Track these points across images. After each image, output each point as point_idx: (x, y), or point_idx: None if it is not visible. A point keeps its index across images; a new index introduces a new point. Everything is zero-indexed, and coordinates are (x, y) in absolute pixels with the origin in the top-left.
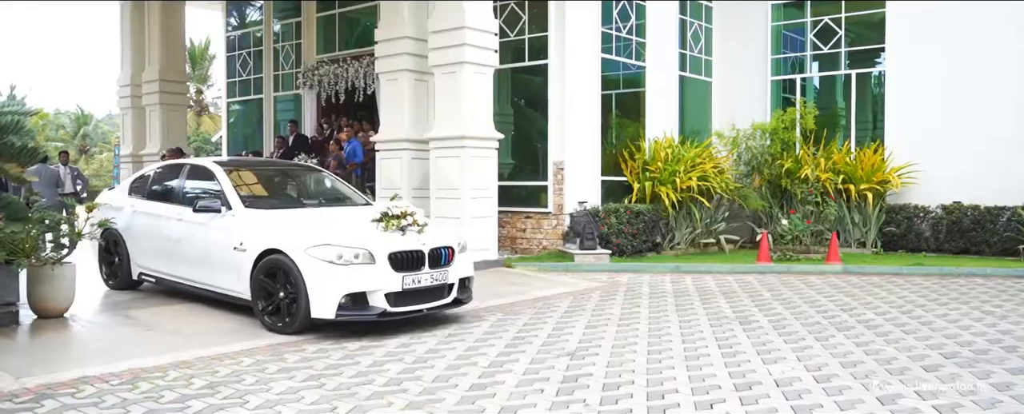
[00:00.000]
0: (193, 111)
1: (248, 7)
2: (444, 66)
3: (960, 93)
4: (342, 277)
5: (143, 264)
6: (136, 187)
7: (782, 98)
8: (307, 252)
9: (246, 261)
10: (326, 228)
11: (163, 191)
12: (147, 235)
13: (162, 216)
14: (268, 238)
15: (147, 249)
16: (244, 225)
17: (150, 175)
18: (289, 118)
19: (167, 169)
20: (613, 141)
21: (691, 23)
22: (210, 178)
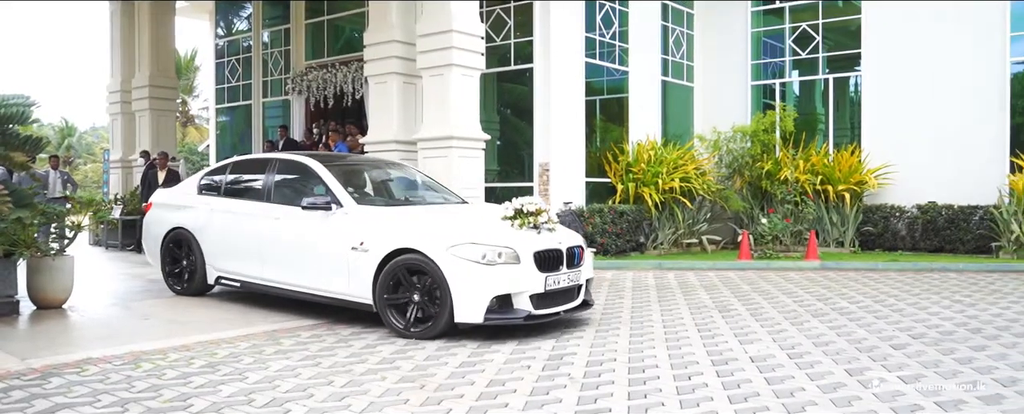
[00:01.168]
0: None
1: (236, 16)
2: (432, 69)
3: (934, 97)
4: (491, 278)
5: (222, 267)
6: (208, 185)
7: (762, 102)
8: (450, 251)
9: (368, 262)
10: (459, 226)
11: (246, 189)
12: (228, 236)
13: (249, 215)
14: (398, 237)
15: (228, 251)
16: (362, 223)
17: (226, 171)
18: (278, 123)
19: (246, 165)
20: (597, 143)
21: (673, 29)
22: (306, 174)
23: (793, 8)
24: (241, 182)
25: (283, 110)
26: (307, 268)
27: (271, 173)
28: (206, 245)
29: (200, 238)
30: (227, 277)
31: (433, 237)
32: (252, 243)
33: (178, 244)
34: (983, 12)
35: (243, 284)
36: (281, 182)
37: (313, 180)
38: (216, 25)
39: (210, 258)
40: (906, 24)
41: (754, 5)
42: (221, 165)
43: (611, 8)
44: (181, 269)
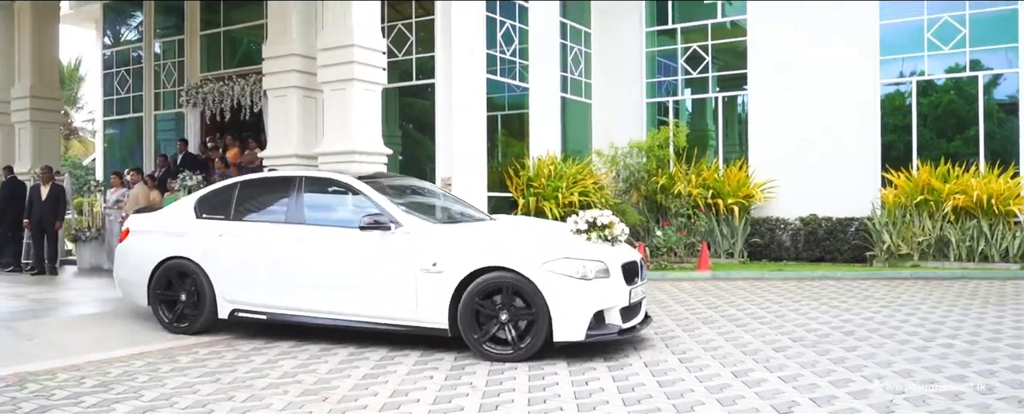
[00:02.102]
0: (62, 134)
1: (125, 25)
2: (333, 83)
3: (814, 116)
4: (590, 293)
5: (240, 299)
6: (210, 207)
7: (657, 119)
8: (545, 267)
9: (443, 284)
10: (543, 241)
11: (264, 210)
12: (248, 264)
13: (276, 239)
14: (481, 255)
15: (248, 281)
16: (431, 243)
17: (232, 192)
18: (171, 136)
19: (260, 184)
20: (499, 158)
21: (572, 47)
22: (343, 193)
23: (685, 29)
24: (257, 203)
25: (177, 123)
26: (361, 294)
27: (297, 193)
28: (217, 275)
29: (208, 268)
30: (247, 309)
31: (524, 253)
32: (282, 270)
33: (176, 276)
34: (857, 37)
35: (270, 317)
36: (312, 202)
37: (353, 199)
38: (103, 34)
39: (223, 290)
40: (788, 47)
41: (648, 26)
42: (223, 186)
43: (511, 26)
44: (180, 304)
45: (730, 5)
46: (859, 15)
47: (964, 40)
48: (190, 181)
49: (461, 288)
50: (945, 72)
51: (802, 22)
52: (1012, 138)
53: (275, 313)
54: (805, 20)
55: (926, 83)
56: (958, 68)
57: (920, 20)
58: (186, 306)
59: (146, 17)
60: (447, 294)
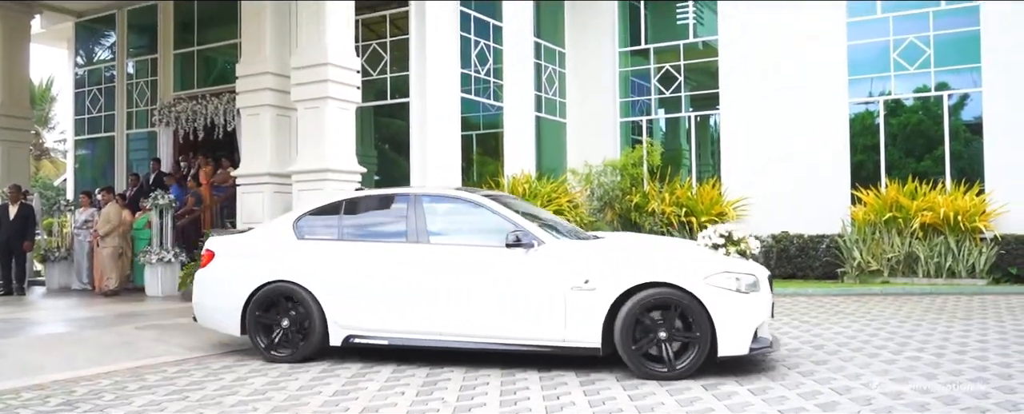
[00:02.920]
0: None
1: (97, 44)
2: (307, 101)
3: (785, 135)
4: (751, 307)
5: (357, 324)
6: (314, 227)
7: (631, 138)
8: (707, 282)
9: (598, 301)
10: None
11: (379, 230)
12: (367, 286)
13: (398, 260)
14: (639, 270)
15: (367, 304)
16: (580, 260)
17: (338, 211)
18: (144, 156)
19: (371, 202)
20: (474, 177)
21: (546, 67)
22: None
23: (657, 50)
24: (368, 223)
25: (149, 142)
26: (502, 315)
27: (415, 210)
28: (329, 300)
29: (318, 292)
30: (365, 335)
31: (684, 268)
32: (410, 293)
33: (277, 301)
34: (826, 58)
35: (392, 342)
36: (435, 220)
37: (478, 216)
38: (75, 53)
39: (335, 314)
40: (759, 67)
41: (621, 46)
42: (328, 204)
43: (486, 45)
44: (282, 330)
45: (702, 26)
46: (828, 36)
47: (929, 61)
48: (162, 200)
49: (615, 305)
50: (912, 92)
51: (772, 43)
52: (977, 157)
53: (400, 338)
54: (775, 41)
55: (894, 103)
56: (924, 88)
57: (886, 41)
58: (290, 332)
59: (119, 36)
60: (601, 312)
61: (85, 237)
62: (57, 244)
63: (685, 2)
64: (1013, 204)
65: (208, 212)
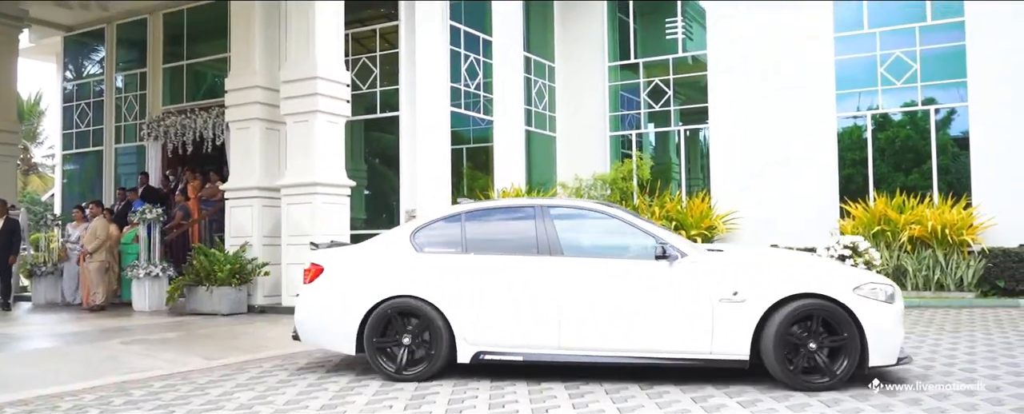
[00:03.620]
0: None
1: (86, 58)
2: (296, 115)
3: (773, 149)
4: (898, 317)
5: (487, 340)
6: (435, 240)
7: (621, 152)
8: (856, 292)
9: (747, 313)
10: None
11: (505, 242)
12: (500, 301)
13: (531, 273)
14: (790, 282)
15: (499, 319)
16: (726, 271)
17: (459, 221)
18: (132, 170)
19: (494, 214)
20: (464, 191)
21: (535, 81)
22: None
23: (647, 64)
24: (493, 235)
25: (138, 156)
26: (645, 328)
27: (545, 222)
28: (457, 315)
29: (445, 307)
30: (496, 352)
31: (833, 279)
32: (546, 307)
33: (397, 317)
34: (813, 72)
35: (527, 358)
36: (566, 232)
37: (611, 228)
38: (64, 67)
39: (463, 330)
40: (747, 82)
41: (611, 60)
42: (446, 216)
43: (476, 59)
44: (403, 348)
45: (691, 41)
46: (815, 51)
47: (916, 76)
48: (150, 214)
49: (764, 317)
50: (900, 107)
51: (760, 56)
52: (964, 171)
53: (535, 354)
54: (763, 54)
55: (882, 117)
56: (911, 103)
57: (873, 56)
58: (412, 349)
59: (108, 50)
60: (751, 324)
61: (77, 252)
62: (44, 259)
63: (674, 17)
64: (1000, 217)
65: (196, 226)
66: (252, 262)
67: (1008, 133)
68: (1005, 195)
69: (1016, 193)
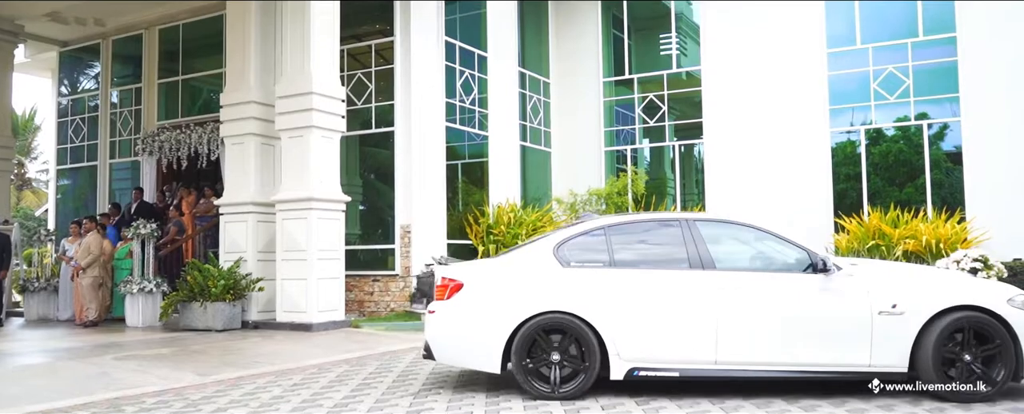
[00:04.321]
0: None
1: (82, 73)
2: (291, 130)
3: (767, 164)
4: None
5: (641, 356)
6: (576, 254)
7: (616, 167)
8: (1010, 303)
9: (907, 325)
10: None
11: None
12: (655, 316)
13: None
14: (948, 294)
15: (654, 335)
16: (882, 284)
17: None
18: (126, 186)
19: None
20: (459, 206)
21: (530, 97)
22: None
23: (641, 80)
24: (639, 249)
25: (132, 172)
26: (802, 342)
27: (693, 236)
28: (610, 331)
29: (597, 323)
30: (651, 367)
31: (989, 291)
32: (701, 322)
33: (543, 334)
34: (807, 87)
35: (683, 374)
36: (715, 246)
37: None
38: (60, 83)
39: (616, 346)
40: (741, 97)
41: (605, 76)
42: (589, 230)
43: (471, 75)
44: (553, 366)
45: (685, 56)
46: (809, 66)
47: (908, 91)
48: (144, 230)
49: (923, 330)
50: (893, 122)
51: (754, 73)
52: (958, 185)
53: (692, 369)
54: (757, 71)
55: (875, 132)
56: (905, 118)
57: (866, 71)
58: (561, 366)
59: (103, 65)
60: (910, 336)
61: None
62: (37, 274)
63: (668, 33)
64: (993, 231)
65: (191, 242)
66: (246, 278)
67: (1001, 147)
68: (998, 209)
69: (1009, 207)
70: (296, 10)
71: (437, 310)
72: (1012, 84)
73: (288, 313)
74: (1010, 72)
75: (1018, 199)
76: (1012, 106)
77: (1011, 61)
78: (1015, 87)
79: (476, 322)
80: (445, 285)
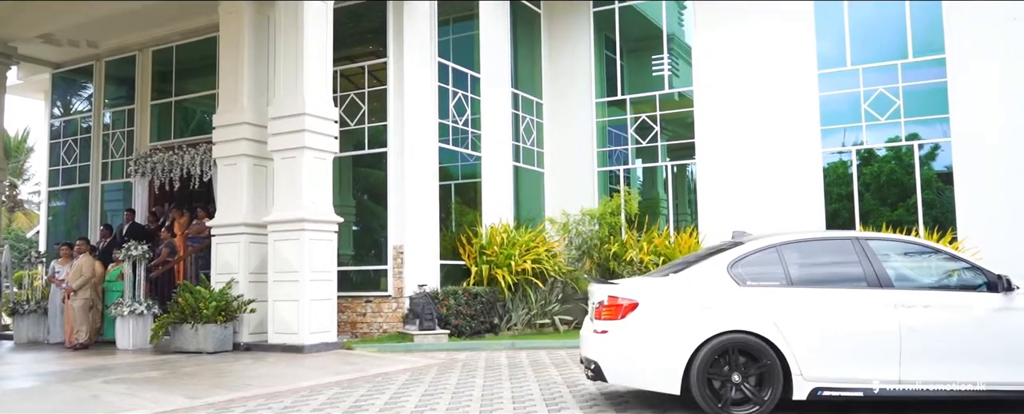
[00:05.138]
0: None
1: (75, 95)
2: (284, 151)
3: (759, 184)
4: None
5: (826, 376)
6: (751, 273)
7: (609, 187)
8: None
9: None
10: None
11: (832, 276)
12: (840, 336)
13: (868, 307)
14: None
15: (839, 355)
16: None
17: (776, 256)
18: (118, 207)
19: (804, 249)
20: (452, 227)
21: (523, 117)
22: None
23: (634, 100)
24: (818, 267)
25: (124, 193)
26: (986, 360)
27: (867, 255)
28: (793, 351)
29: (780, 343)
30: (836, 388)
31: None
32: (884, 341)
33: (726, 353)
34: (799, 108)
35: (866, 393)
36: (891, 265)
37: (933, 261)
38: (52, 104)
39: (800, 366)
40: (733, 118)
41: (598, 96)
42: (760, 248)
43: (463, 96)
44: (730, 386)
45: (677, 77)
46: (800, 87)
47: (899, 111)
48: (135, 251)
49: None
50: (884, 142)
51: (746, 94)
52: (949, 205)
53: (875, 389)
54: (749, 92)
55: (867, 153)
56: (896, 138)
57: (857, 92)
58: (742, 387)
59: (96, 87)
60: None
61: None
62: (27, 297)
63: (660, 54)
64: (985, 251)
65: (182, 263)
66: (238, 299)
67: (991, 168)
68: (989, 229)
69: (1000, 227)
70: (289, 32)
71: (610, 330)
72: (1001, 105)
73: (280, 335)
74: (1000, 93)
75: (1010, 219)
76: (1002, 127)
77: (1000, 82)
78: (1004, 108)
79: (654, 342)
80: (618, 305)
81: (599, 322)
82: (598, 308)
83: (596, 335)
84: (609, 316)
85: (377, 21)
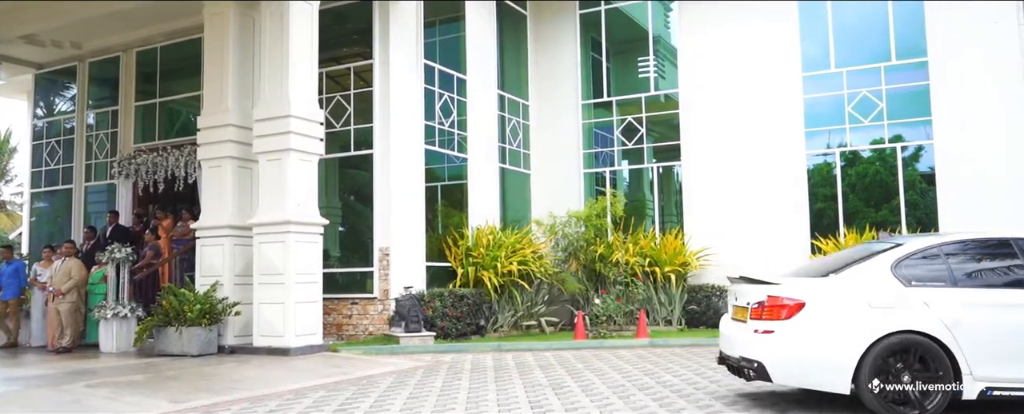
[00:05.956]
0: None
1: (58, 95)
2: (269, 153)
3: (744, 186)
4: None
5: (998, 375)
6: (917, 273)
7: (595, 189)
8: None
9: None
10: None
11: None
12: (1012, 336)
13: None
14: None
15: (1011, 354)
16: None
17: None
18: (102, 209)
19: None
20: (438, 228)
21: (510, 119)
22: None
23: (620, 102)
24: (982, 268)
25: (108, 195)
26: None
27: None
28: (963, 351)
29: (950, 343)
30: (1005, 387)
31: None
32: None
33: (895, 354)
34: (783, 110)
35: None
36: None
37: None
38: (35, 105)
39: (972, 366)
40: (719, 120)
41: (584, 98)
42: (923, 249)
43: (450, 98)
44: (900, 386)
45: (663, 79)
46: (785, 89)
47: (882, 114)
48: (119, 254)
49: None
50: (868, 144)
51: (731, 96)
52: (932, 206)
53: None
54: (734, 93)
55: (851, 154)
56: (879, 140)
57: (841, 95)
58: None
59: (79, 88)
60: None
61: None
62: None
63: (646, 56)
64: None
65: (167, 266)
66: (223, 302)
67: (972, 169)
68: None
69: (983, 226)
70: (274, 33)
71: (776, 330)
72: (982, 107)
73: (265, 337)
74: (981, 95)
75: (992, 218)
76: (983, 128)
77: (981, 85)
78: (985, 110)
79: (824, 343)
80: (783, 305)
81: (760, 322)
82: (756, 308)
83: (758, 335)
84: (772, 316)
85: (363, 23)
